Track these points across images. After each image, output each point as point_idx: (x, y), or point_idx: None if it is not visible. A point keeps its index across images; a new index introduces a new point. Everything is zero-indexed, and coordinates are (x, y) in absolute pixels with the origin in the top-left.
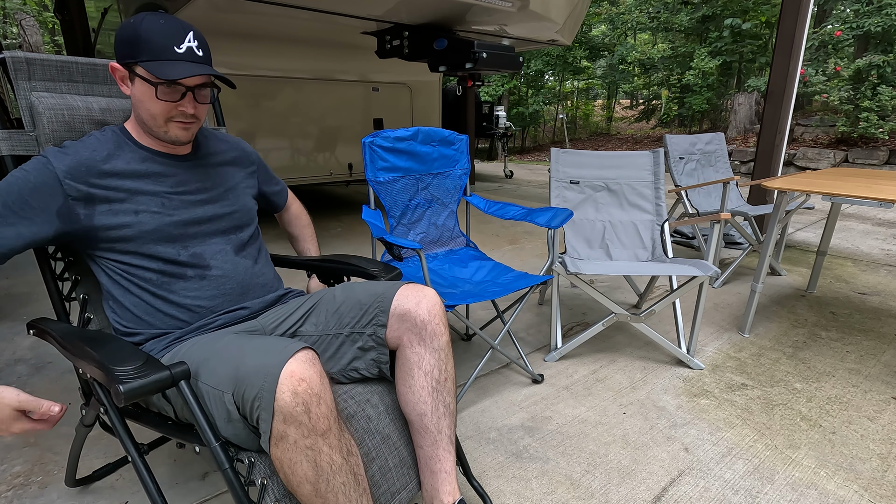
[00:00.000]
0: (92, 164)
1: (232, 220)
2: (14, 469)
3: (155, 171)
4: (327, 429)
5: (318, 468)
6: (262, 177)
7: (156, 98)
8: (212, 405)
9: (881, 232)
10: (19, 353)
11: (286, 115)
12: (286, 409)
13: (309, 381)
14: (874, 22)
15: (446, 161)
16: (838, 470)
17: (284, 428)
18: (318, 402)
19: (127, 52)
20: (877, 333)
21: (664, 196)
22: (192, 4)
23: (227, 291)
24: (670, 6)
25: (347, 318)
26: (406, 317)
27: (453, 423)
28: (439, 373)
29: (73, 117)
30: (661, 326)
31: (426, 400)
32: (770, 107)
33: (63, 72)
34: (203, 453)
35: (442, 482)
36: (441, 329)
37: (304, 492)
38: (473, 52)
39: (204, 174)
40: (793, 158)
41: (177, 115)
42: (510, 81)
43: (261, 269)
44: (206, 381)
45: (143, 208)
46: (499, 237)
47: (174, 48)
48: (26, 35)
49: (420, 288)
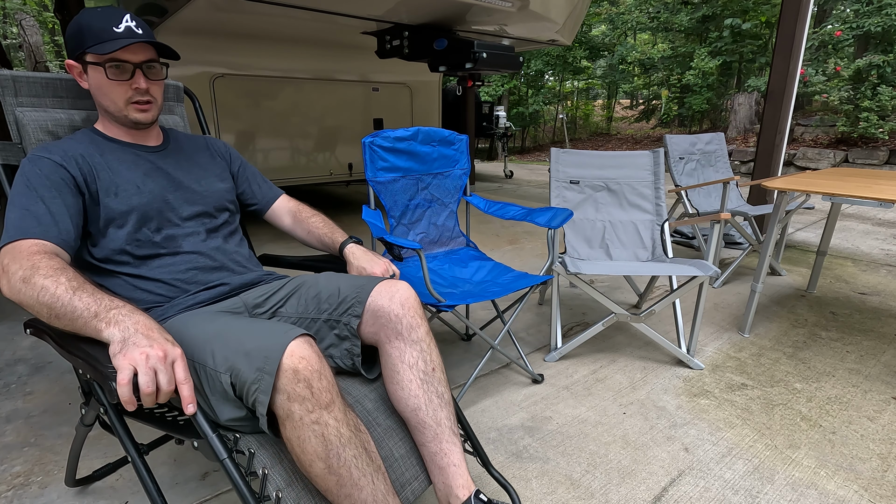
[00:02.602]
0: (72, 154)
1: (204, 204)
2: (14, 469)
3: (127, 160)
4: (330, 401)
5: (326, 442)
6: (239, 169)
7: (107, 79)
8: (210, 388)
9: (881, 232)
10: (19, 353)
11: (286, 115)
12: (289, 387)
13: (308, 360)
14: (874, 22)
15: (446, 161)
16: (838, 470)
17: (289, 406)
18: (320, 377)
19: (74, 46)
20: (877, 333)
21: (664, 196)
22: (192, 4)
23: (199, 265)
24: (670, 6)
25: (326, 304)
26: (380, 313)
27: (452, 414)
28: (424, 364)
29: (56, 127)
30: (661, 326)
31: (417, 393)
32: (770, 107)
33: (48, 88)
34: (201, 447)
35: (453, 476)
36: (417, 321)
37: (317, 471)
38: (473, 52)
39: (175, 163)
40: (793, 158)
41: (133, 96)
42: (510, 81)
43: (233, 248)
44: (201, 360)
45: (122, 191)
46: (499, 237)
47: (113, 28)
48: (26, 35)
49: (393, 283)
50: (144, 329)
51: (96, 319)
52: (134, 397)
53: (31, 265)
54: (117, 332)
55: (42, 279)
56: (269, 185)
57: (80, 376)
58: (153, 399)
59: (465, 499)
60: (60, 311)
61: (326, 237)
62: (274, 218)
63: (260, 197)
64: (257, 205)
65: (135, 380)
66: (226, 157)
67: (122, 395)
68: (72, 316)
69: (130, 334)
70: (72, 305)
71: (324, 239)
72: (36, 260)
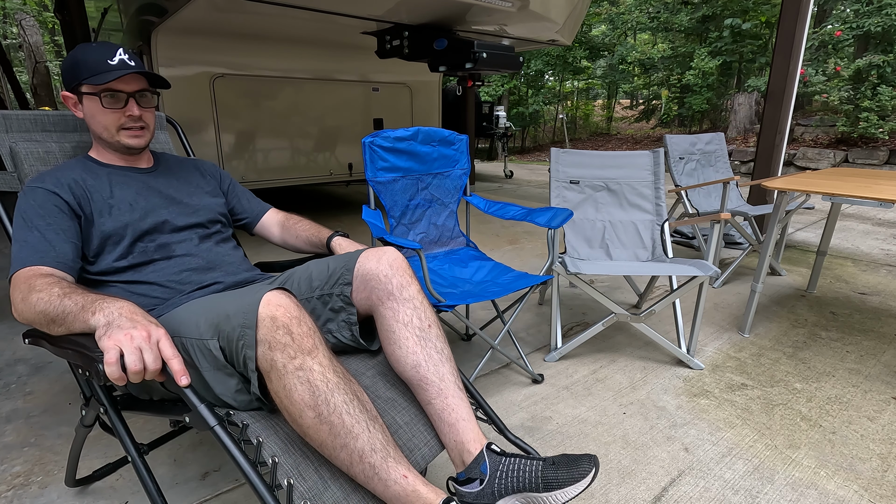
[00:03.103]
0: (65, 181)
1: (198, 216)
2: (14, 469)
3: (120, 181)
4: (313, 346)
5: (313, 387)
6: (229, 187)
7: (102, 108)
8: (201, 361)
9: (881, 232)
10: (19, 353)
11: (286, 115)
12: (268, 336)
13: (286, 307)
14: (874, 22)
15: (446, 161)
16: (838, 470)
17: (271, 355)
18: (299, 323)
19: (70, 78)
20: (877, 333)
21: (664, 196)
22: (192, 4)
23: (192, 266)
24: (670, 6)
25: (317, 281)
26: (369, 276)
27: (455, 370)
28: (419, 321)
29: (48, 154)
30: (661, 326)
31: (415, 350)
32: (770, 107)
33: (37, 124)
34: (194, 420)
35: (463, 430)
36: (407, 280)
37: (307, 421)
38: (473, 52)
39: (166, 182)
40: (793, 158)
41: (126, 122)
42: (510, 81)
43: (226, 251)
44: (189, 334)
45: (115, 210)
46: (499, 237)
47: (107, 61)
48: (26, 35)
49: (379, 248)
50: (128, 313)
51: (83, 311)
52: (123, 374)
53: (28, 286)
54: (102, 317)
55: (37, 293)
56: (258, 200)
57: (79, 376)
58: (140, 377)
59: (478, 452)
60: (53, 314)
61: (314, 237)
62: (263, 231)
63: (249, 211)
64: (247, 218)
65: (122, 361)
66: (216, 176)
67: (110, 374)
68: (63, 315)
69: (114, 318)
70: (63, 306)
71: (311, 239)
72: (32, 281)
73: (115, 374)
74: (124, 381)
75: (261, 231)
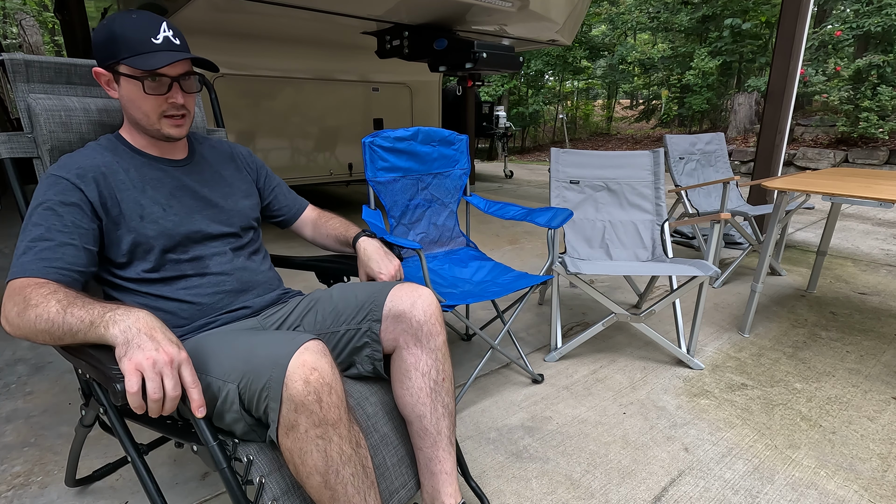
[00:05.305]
0: (92, 174)
1: (231, 224)
2: (14, 469)
3: (153, 176)
4: (338, 419)
5: (328, 458)
6: (265, 181)
7: (144, 94)
8: (214, 398)
9: (881, 232)
10: (19, 353)
11: (286, 115)
12: (298, 398)
13: (321, 371)
14: (874, 22)
15: (446, 161)
16: (838, 470)
17: (295, 417)
18: (330, 391)
19: (107, 54)
20: (877, 333)
21: (664, 196)
22: (192, 4)
23: (226, 289)
24: (670, 6)
25: (344, 315)
26: (401, 318)
27: (452, 424)
28: (437, 373)
29: (69, 118)
30: (661, 326)
31: (425, 401)
32: (770, 107)
33: (61, 74)
34: (201, 452)
35: (443, 483)
36: (437, 329)
37: (313, 483)
38: (473, 52)
39: (200, 179)
40: (793, 158)
41: (168, 109)
42: (510, 81)
43: (259, 268)
44: (211, 373)
45: (147, 214)
46: (499, 237)
47: (151, 40)
48: (26, 35)
49: (415, 287)
50: (147, 328)
51: (93, 328)
52: (143, 403)
53: (23, 299)
54: (118, 332)
55: (34, 309)
56: (294, 195)
57: (79, 376)
58: (160, 406)
59: None
60: (59, 333)
61: (342, 235)
62: (297, 229)
63: (287, 210)
64: (283, 217)
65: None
66: (252, 170)
67: (131, 402)
68: (71, 333)
69: (133, 335)
70: (67, 324)
71: (339, 237)
72: (27, 292)
73: (136, 402)
74: (143, 410)
75: (296, 229)
